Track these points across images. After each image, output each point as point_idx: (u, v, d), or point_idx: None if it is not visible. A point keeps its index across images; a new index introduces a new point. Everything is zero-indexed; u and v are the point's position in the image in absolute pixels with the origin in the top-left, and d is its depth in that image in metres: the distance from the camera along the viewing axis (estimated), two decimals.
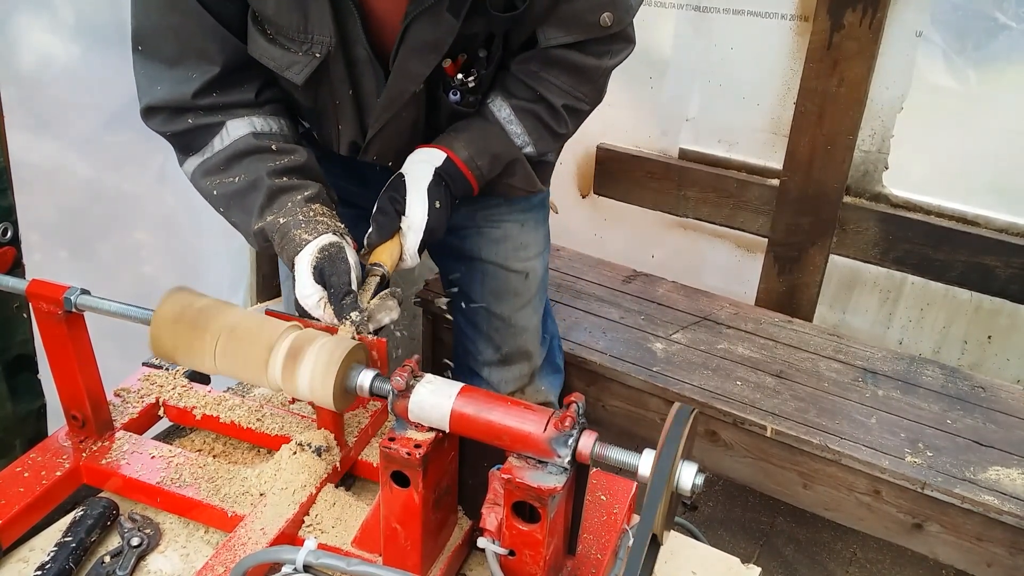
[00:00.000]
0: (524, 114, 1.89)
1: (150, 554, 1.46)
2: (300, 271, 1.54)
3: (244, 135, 1.70)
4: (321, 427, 1.59)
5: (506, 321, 2.31)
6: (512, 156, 1.92)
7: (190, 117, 1.69)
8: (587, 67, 1.84)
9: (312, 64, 1.66)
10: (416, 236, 1.72)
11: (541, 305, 2.41)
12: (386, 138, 1.85)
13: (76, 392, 1.57)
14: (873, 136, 3.09)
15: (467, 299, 2.32)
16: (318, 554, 1.17)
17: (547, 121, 1.90)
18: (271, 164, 1.67)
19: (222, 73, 1.66)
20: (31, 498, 1.48)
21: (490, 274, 2.25)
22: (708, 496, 3.36)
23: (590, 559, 1.42)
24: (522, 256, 2.25)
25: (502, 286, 2.27)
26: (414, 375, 1.27)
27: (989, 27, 2.84)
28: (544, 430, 1.19)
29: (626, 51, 1.90)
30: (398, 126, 1.83)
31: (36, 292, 1.47)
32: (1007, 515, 2.32)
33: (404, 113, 1.80)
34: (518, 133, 1.90)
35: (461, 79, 1.79)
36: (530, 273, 2.28)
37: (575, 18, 1.73)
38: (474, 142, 1.84)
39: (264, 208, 1.64)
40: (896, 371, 2.89)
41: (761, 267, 3.43)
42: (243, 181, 1.67)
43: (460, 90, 1.81)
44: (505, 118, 1.89)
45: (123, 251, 2.58)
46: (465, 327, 2.39)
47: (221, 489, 1.51)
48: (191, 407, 1.73)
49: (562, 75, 1.85)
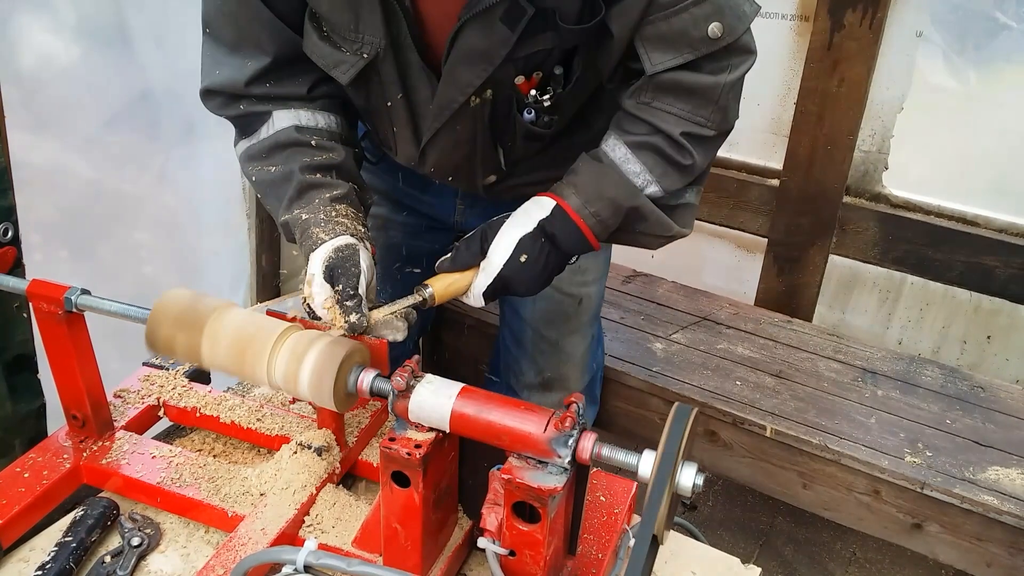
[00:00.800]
0: (640, 150, 1.68)
1: (150, 554, 1.46)
2: (312, 269, 1.53)
3: (287, 127, 1.70)
4: (321, 427, 1.59)
5: (554, 345, 2.27)
6: (633, 199, 1.69)
7: (243, 104, 1.70)
8: (703, 87, 1.62)
9: (358, 65, 1.63)
10: (486, 280, 1.63)
11: (591, 332, 2.35)
12: (441, 151, 1.78)
13: (76, 392, 1.57)
14: (873, 136, 3.09)
15: (516, 316, 2.28)
16: (318, 554, 1.17)
17: (668, 154, 1.67)
18: (307, 159, 1.67)
19: (274, 64, 1.66)
20: (31, 498, 1.48)
21: (544, 295, 2.07)
22: (708, 496, 3.36)
23: (590, 559, 1.43)
24: (579, 281, 2.19)
25: (555, 309, 2.21)
26: (414, 375, 1.27)
27: (989, 27, 2.84)
28: (544, 430, 1.19)
29: (746, 63, 1.67)
30: (454, 139, 1.75)
31: (36, 292, 1.47)
32: (1006, 515, 2.32)
33: (459, 127, 1.72)
34: (637, 172, 1.69)
35: (535, 96, 1.68)
36: (584, 299, 2.23)
37: (678, 35, 1.55)
38: (586, 187, 1.67)
39: (293, 201, 1.64)
40: (896, 371, 2.89)
41: (761, 267, 3.43)
42: (279, 172, 1.67)
43: (535, 109, 1.70)
44: (620, 158, 1.69)
45: (123, 251, 2.58)
46: (510, 343, 2.35)
47: (221, 489, 1.51)
48: (191, 407, 1.73)
49: (677, 102, 1.64)
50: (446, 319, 3.29)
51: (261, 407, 1.72)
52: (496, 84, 1.65)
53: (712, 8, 1.53)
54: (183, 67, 2.54)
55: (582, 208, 1.65)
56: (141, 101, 2.47)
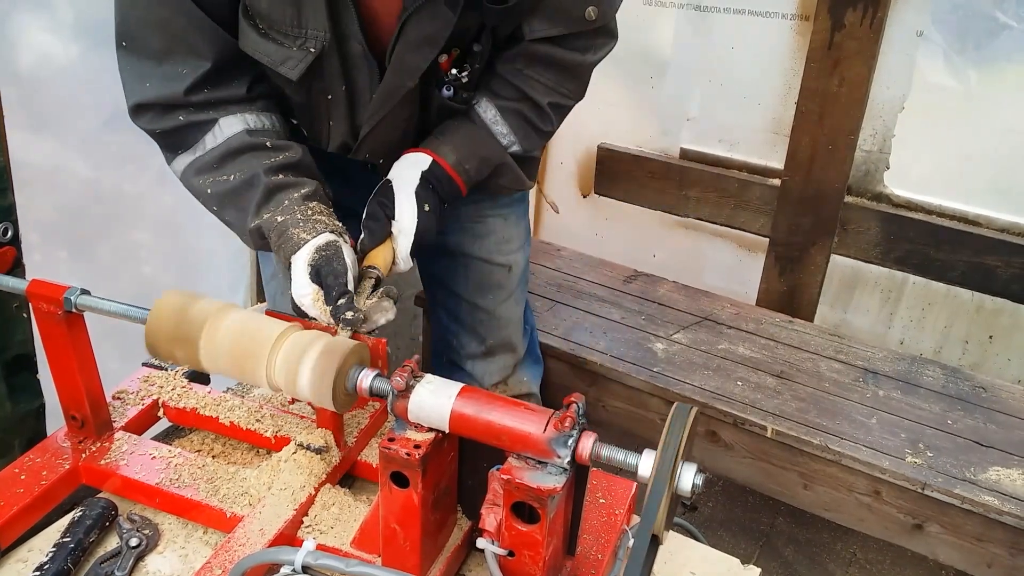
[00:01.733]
0: (509, 114, 1.89)
1: (149, 555, 1.45)
2: (296, 270, 1.53)
3: (238, 132, 1.68)
4: (321, 427, 1.58)
5: (491, 314, 2.33)
6: (500, 158, 1.92)
7: (181, 114, 1.65)
8: (571, 63, 1.85)
9: (307, 59, 1.64)
10: (407, 239, 1.72)
11: (523, 297, 2.43)
12: (379, 136, 1.84)
13: (75, 392, 1.57)
14: (874, 136, 3.09)
15: (450, 293, 2.33)
16: (317, 555, 1.17)
17: (532, 120, 1.90)
18: (267, 161, 1.65)
19: (213, 68, 1.63)
20: (30, 499, 1.47)
21: (474, 268, 2.27)
22: (708, 496, 3.36)
23: (589, 559, 1.42)
24: (505, 250, 2.27)
25: (486, 280, 2.29)
26: (414, 375, 1.26)
27: (989, 27, 2.84)
28: (544, 430, 1.19)
29: (608, 46, 1.89)
30: (393, 123, 1.82)
31: (36, 292, 1.47)
32: (1007, 516, 2.32)
33: (399, 110, 1.78)
34: (504, 133, 1.90)
35: (455, 74, 1.79)
36: (513, 266, 2.30)
37: (561, 11, 1.73)
38: (462, 146, 1.84)
39: (261, 206, 1.62)
40: (897, 371, 2.88)
41: (762, 267, 3.43)
42: (238, 179, 1.64)
43: (453, 85, 1.81)
44: (491, 119, 1.89)
45: (123, 251, 2.58)
46: (448, 321, 2.39)
47: (220, 490, 1.51)
48: (190, 408, 1.73)
49: (546, 72, 1.85)
50: None
51: (260, 408, 1.71)
52: None
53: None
54: None
55: (458, 165, 1.82)
56: None
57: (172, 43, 1.61)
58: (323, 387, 1.30)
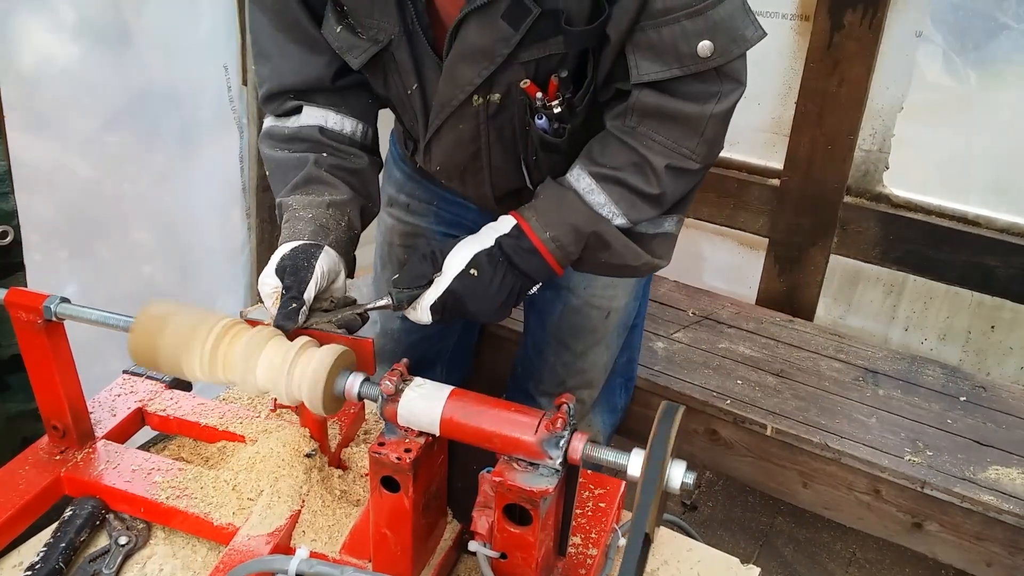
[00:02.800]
0: (606, 182, 1.64)
1: (137, 553, 1.45)
2: (272, 260, 1.52)
3: (311, 125, 1.72)
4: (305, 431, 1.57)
5: (577, 356, 2.22)
6: (594, 225, 1.65)
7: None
8: (686, 115, 1.57)
9: (370, 51, 1.61)
10: (435, 293, 1.57)
11: (617, 343, 2.29)
12: (445, 148, 1.74)
13: (56, 402, 1.53)
14: (874, 136, 3.09)
15: (541, 324, 2.22)
16: (311, 562, 1.15)
17: (634, 185, 1.63)
18: (326, 154, 1.68)
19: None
20: (12, 511, 1.44)
21: (572, 307, 2.12)
22: (708, 496, 3.35)
23: (580, 559, 1.42)
24: (608, 295, 2.12)
25: (580, 321, 2.15)
26: (403, 379, 1.26)
27: (989, 27, 2.83)
28: (535, 432, 1.19)
29: (735, 94, 1.60)
30: (456, 138, 1.71)
31: (15, 301, 1.43)
32: (1007, 514, 2.32)
33: (462, 126, 1.68)
34: (601, 203, 1.65)
35: (542, 99, 1.60)
36: (612, 312, 2.15)
37: (667, 47, 1.50)
38: (546, 210, 1.64)
39: (296, 188, 1.64)
40: (897, 371, 2.89)
41: (762, 267, 3.43)
42: (295, 158, 1.68)
43: (546, 115, 1.63)
44: (585, 188, 1.65)
45: (122, 251, 2.57)
46: (532, 353, 2.30)
47: (207, 498, 1.48)
48: (173, 415, 1.69)
49: (661, 128, 1.59)
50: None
51: (245, 413, 1.69)
52: (505, 87, 1.61)
53: (705, 25, 1.48)
54: (183, 67, 2.55)
55: (541, 231, 1.62)
56: (141, 101, 2.46)
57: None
58: (313, 392, 1.29)
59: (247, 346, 1.34)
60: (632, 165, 1.62)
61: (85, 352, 1.65)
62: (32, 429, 1.88)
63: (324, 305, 1.52)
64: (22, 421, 1.88)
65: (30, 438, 1.64)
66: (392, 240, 2.20)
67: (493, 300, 1.60)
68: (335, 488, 1.54)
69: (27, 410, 1.87)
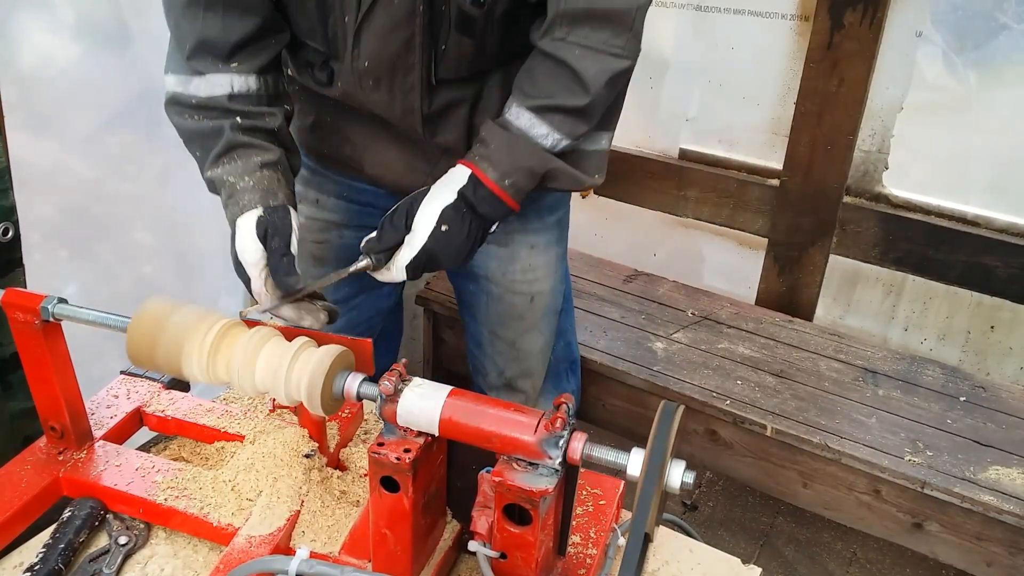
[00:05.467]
0: (545, 112, 1.66)
1: (137, 552, 1.45)
2: (242, 228, 1.52)
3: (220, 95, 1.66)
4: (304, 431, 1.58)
5: (511, 345, 2.25)
6: (545, 165, 1.69)
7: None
8: (618, 12, 1.59)
9: None
10: (409, 253, 1.61)
11: (549, 328, 2.31)
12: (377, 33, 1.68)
13: (54, 403, 1.52)
14: (873, 136, 3.09)
15: (473, 318, 2.27)
16: (311, 563, 1.15)
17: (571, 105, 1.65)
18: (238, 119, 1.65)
19: None
20: (10, 512, 1.44)
21: (495, 296, 2.17)
22: (708, 496, 3.36)
23: (580, 559, 1.42)
24: (528, 279, 2.15)
25: (507, 309, 2.19)
26: (402, 379, 1.26)
27: (989, 27, 2.83)
28: (534, 432, 1.19)
29: None
30: (392, 16, 1.65)
31: (12, 302, 1.43)
32: (1007, 515, 2.32)
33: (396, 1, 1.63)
34: (544, 134, 1.68)
35: None
36: (536, 296, 2.18)
37: None
38: (500, 160, 1.66)
39: (219, 157, 1.62)
40: (896, 371, 2.89)
41: (761, 267, 3.43)
42: (208, 125, 1.65)
43: None
44: (526, 124, 1.67)
45: (123, 251, 2.57)
46: (472, 347, 2.34)
47: (206, 499, 1.48)
48: (171, 415, 1.69)
49: (593, 32, 1.60)
50: (446, 318, 3.29)
51: (244, 413, 1.69)
52: None
53: None
54: None
55: (500, 180, 1.65)
56: (141, 101, 2.46)
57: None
58: (312, 393, 1.29)
59: (245, 346, 1.34)
60: (565, 88, 1.64)
61: (84, 352, 1.65)
62: (34, 428, 1.87)
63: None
64: (24, 420, 1.88)
65: (32, 437, 1.64)
66: (304, 236, 2.15)
67: (463, 249, 1.65)
68: (334, 488, 1.54)
69: (29, 408, 1.86)
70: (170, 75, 1.70)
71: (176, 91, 1.69)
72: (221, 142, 1.62)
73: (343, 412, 1.69)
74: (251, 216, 1.53)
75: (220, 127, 1.64)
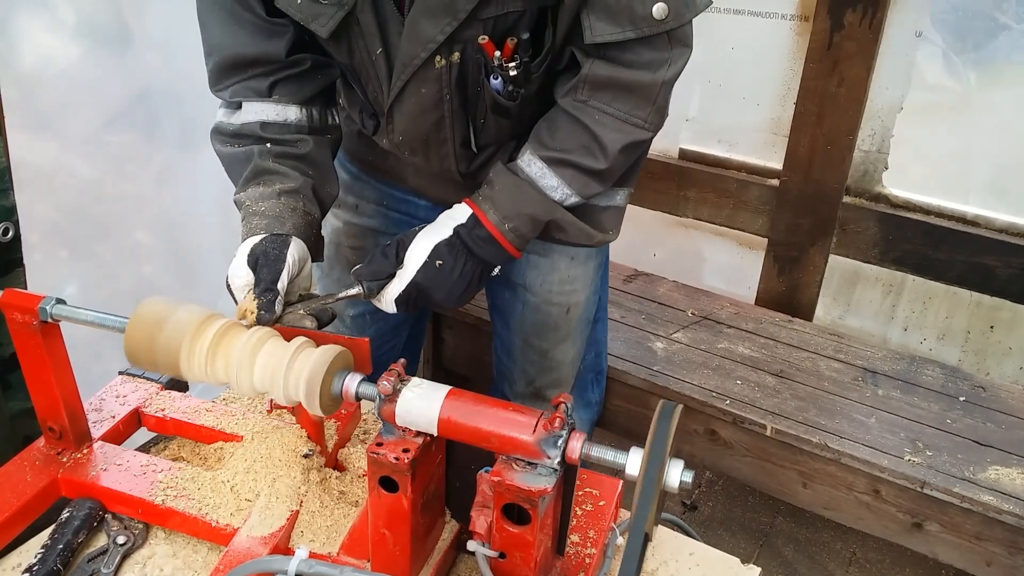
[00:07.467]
0: (557, 165, 1.68)
1: (137, 552, 1.45)
2: (239, 253, 1.53)
3: (252, 122, 1.69)
4: (302, 431, 1.58)
5: (543, 355, 2.23)
6: (551, 214, 1.71)
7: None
8: (641, 84, 1.61)
9: (337, 16, 1.56)
10: (399, 286, 1.62)
11: (581, 338, 2.30)
12: (408, 114, 1.71)
13: (52, 403, 1.52)
14: (873, 136, 3.09)
15: (505, 325, 2.24)
16: (310, 563, 1.15)
17: (585, 165, 1.67)
18: (268, 145, 1.67)
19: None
20: (9, 513, 1.44)
21: (531, 306, 2.13)
22: (708, 496, 3.36)
23: (578, 559, 1.43)
24: (567, 290, 2.12)
25: (542, 319, 2.16)
26: (401, 379, 1.26)
27: (989, 27, 2.83)
28: (533, 432, 1.19)
29: (683, 58, 1.64)
30: (420, 104, 1.68)
31: (10, 302, 1.42)
32: (1006, 514, 2.32)
33: (425, 89, 1.65)
34: (554, 186, 1.69)
35: (499, 58, 1.59)
36: (572, 307, 2.16)
37: (623, 7, 1.51)
38: (503, 203, 1.67)
39: (247, 182, 1.64)
40: (896, 371, 2.89)
41: (761, 267, 3.43)
42: (242, 151, 1.68)
43: (501, 76, 1.62)
44: (537, 173, 1.69)
45: (123, 251, 2.58)
46: (501, 353, 2.32)
47: (205, 499, 1.48)
48: (170, 416, 1.69)
49: (614, 101, 1.63)
50: (447, 318, 3.29)
51: (243, 414, 1.69)
52: (463, 45, 1.60)
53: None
54: (183, 67, 2.54)
55: (500, 223, 1.66)
56: (141, 101, 2.47)
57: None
58: (310, 393, 1.29)
59: (244, 347, 1.34)
60: (582, 147, 1.66)
61: (83, 353, 1.65)
62: (34, 428, 1.86)
63: (292, 298, 1.54)
64: (24, 420, 1.88)
65: (32, 437, 1.64)
66: (340, 241, 2.18)
67: (456, 288, 1.65)
68: (333, 488, 1.54)
69: (29, 408, 1.86)
70: (221, 108, 1.76)
71: (219, 120, 1.74)
72: (250, 167, 1.65)
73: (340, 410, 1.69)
74: (250, 243, 1.54)
75: (250, 152, 1.67)
